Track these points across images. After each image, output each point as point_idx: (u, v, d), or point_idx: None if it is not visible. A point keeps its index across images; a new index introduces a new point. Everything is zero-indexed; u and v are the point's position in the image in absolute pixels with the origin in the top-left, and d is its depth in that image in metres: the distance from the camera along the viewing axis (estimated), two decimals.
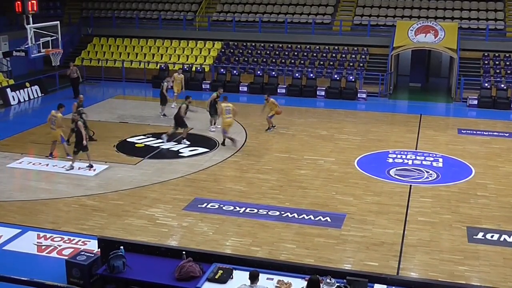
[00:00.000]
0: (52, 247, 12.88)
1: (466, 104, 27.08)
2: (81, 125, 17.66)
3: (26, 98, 27.72)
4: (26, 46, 22.18)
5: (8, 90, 27.20)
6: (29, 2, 21.84)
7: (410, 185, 16.69)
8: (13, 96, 27.03)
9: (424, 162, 18.74)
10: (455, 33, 29.18)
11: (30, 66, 32.34)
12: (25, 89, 27.95)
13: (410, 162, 18.79)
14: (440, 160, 18.95)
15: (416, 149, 20.14)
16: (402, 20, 31.57)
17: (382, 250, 12.77)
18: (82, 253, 11.38)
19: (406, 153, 19.69)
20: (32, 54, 22.33)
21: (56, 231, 13.66)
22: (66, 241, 13.11)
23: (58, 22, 23.82)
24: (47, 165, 18.41)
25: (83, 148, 17.82)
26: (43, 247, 12.91)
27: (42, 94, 28.62)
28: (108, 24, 35.98)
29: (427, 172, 17.85)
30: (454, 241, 13.28)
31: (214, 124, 22.50)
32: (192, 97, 22.15)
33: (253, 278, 9.19)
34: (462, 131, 22.58)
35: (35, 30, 22.29)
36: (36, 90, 28.49)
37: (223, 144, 20.36)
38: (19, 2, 21.88)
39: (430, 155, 19.48)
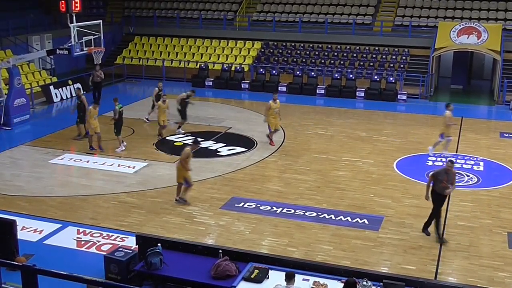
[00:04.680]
0: (91, 242, 13.09)
1: (509, 107, 26.52)
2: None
3: (69, 96, 28.20)
4: (69, 44, 22.54)
5: (51, 87, 27.74)
6: (73, 2, 22.21)
7: None
8: (56, 94, 27.55)
9: (464, 166, 18.44)
10: (499, 35, 28.63)
11: (73, 64, 32.89)
12: (68, 87, 28.45)
13: None
14: (481, 163, 18.62)
15: (456, 152, 19.82)
16: (444, 21, 31.08)
17: (420, 254, 12.62)
18: (120, 249, 11.53)
19: (446, 156, 19.40)
20: (75, 52, 22.68)
21: (96, 226, 13.88)
22: (105, 237, 13.31)
23: (101, 21, 24.13)
24: (88, 161, 18.73)
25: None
26: (82, 242, 13.13)
27: (84, 92, 29.01)
28: (150, 23, 36.37)
29: (467, 175, 17.56)
30: (494, 246, 13.03)
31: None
32: (231, 97, 22.28)
33: (289, 278, 9.18)
34: (505, 134, 22.14)
35: (78, 28, 22.63)
36: (78, 87, 28.89)
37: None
38: (63, 2, 22.25)
39: (471, 158, 19.16)
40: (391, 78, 28.65)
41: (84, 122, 20.53)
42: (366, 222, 14.22)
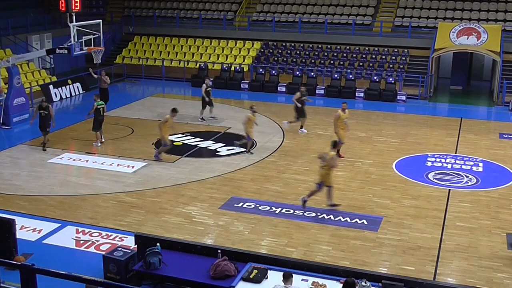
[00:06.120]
0: (90, 242, 13.09)
1: (509, 108, 26.53)
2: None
3: (68, 95, 28.19)
4: (69, 44, 22.52)
5: (51, 86, 27.72)
6: (73, 1, 22.20)
7: (449, 190, 16.45)
8: (55, 93, 27.53)
9: (463, 167, 18.45)
10: (498, 36, 28.64)
11: (73, 63, 32.91)
12: (67, 86, 28.45)
13: (449, 166, 18.52)
14: (480, 164, 18.62)
15: (456, 153, 19.84)
16: (444, 22, 31.10)
17: (418, 255, 12.62)
18: (119, 249, 11.53)
19: (445, 156, 19.42)
20: (74, 51, 22.65)
21: (95, 226, 13.88)
22: (104, 237, 13.31)
23: (100, 20, 24.12)
24: (87, 161, 18.73)
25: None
26: (81, 241, 13.13)
27: (84, 91, 29.08)
28: (149, 23, 36.36)
29: (466, 176, 17.56)
30: (493, 247, 13.04)
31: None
32: (231, 97, 22.25)
33: (286, 278, 9.20)
34: (504, 135, 22.14)
35: (78, 28, 22.62)
36: (77, 87, 28.96)
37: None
38: (63, 1, 22.24)
39: (470, 159, 19.16)
40: (391, 79, 28.66)
41: (47, 130, 19.92)
42: (365, 222, 14.22)
